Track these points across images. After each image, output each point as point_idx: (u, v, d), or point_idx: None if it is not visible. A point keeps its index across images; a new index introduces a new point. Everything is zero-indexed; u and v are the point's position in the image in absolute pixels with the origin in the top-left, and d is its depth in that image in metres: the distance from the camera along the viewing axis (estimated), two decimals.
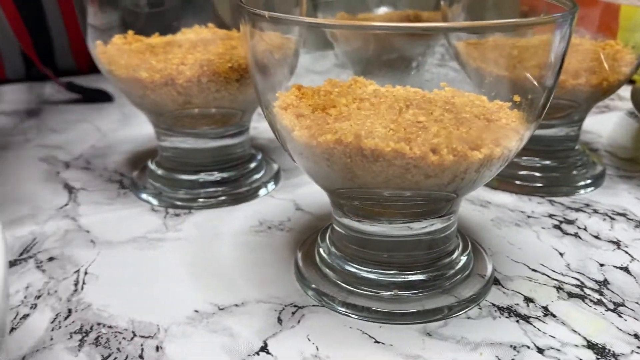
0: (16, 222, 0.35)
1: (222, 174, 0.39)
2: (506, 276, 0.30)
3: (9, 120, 0.53)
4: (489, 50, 0.41)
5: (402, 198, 0.26)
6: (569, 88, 0.36)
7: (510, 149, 0.26)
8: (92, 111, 0.55)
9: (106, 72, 0.36)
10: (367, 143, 0.23)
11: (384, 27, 0.22)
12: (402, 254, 0.28)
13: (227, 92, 0.35)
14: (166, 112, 0.36)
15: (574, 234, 0.34)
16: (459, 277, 0.29)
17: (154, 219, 0.36)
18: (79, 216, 0.36)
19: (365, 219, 0.28)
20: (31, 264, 0.31)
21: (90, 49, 0.37)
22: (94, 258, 0.32)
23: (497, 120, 0.26)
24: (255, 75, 0.27)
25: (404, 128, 0.24)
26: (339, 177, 0.26)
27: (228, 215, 0.36)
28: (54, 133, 0.50)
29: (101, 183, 0.40)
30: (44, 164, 0.44)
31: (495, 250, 0.32)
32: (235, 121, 0.38)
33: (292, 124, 0.25)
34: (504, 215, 0.36)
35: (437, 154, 0.24)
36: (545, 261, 0.31)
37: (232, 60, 0.34)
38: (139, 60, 0.35)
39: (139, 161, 0.44)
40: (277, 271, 0.30)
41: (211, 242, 0.33)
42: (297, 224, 0.35)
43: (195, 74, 0.34)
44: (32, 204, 0.37)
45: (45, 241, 0.33)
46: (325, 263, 0.29)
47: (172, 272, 0.30)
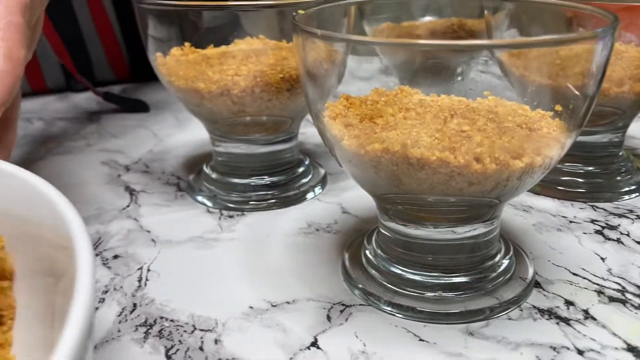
0: (83, 222, 0.38)
1: (272, 178, 0.41)
2: (547, 279, 0.31)
3: (71, 126, 0.56)
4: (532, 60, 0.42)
5: (446, 204, 0.27)
6: (613, 96, 0.37)
7: (551, 158, 0.27)
8: (148, 117, 0.58)
9: (166, 82, 0.39)
10: (413, 152, 0.25)
11: (428, 45, 0.24)
12: (445, 257, 0.30)
13: (278, 101, 0.37)
14: (221, 120, 0.39)
15: (616, 240, 0.34)
16: (501, 279, 0.30)
17: (209, 220, 0.38)
18: (140, 217, 0.38)
19: (410, 223, 0.29)
20: (98, 261, 0.34)
21: (151, 61, 0.40)
22: (155, 256, 0.34)
23: (539, 130, 0.27)
24: (306, 84, 0.29)
25: (449, 137, 0.26)
26: (385, 184, 0.27)
27: (278, 218, 0.38)
28: (113, 138, 0.53)
29: (160, 186, 0.43)
30: (105, 167, 0.46)
31: (537, 254, 0.33)
32: (285, 128, 0.40)
33: (341, 134, 0.27)
34: (546, 220, 0.36)
35: (480, 162, 0.25)
36: (587, 266, 0.32)
37: (283, 71, 0.36)
38: (196, 71, 0.37)
39: (194, 165, 0.46)
40: (326, 271, 0.32)
41: (263, 243, 0.35)
42: (344, 227, 0.37)
43: (249, 84, 0.36)
44: (97, 205, 0.40)
45: (110, 240, 0.36)
46: (371, 264, 0.31)
47: (228, 270, 0.32)
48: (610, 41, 0.26)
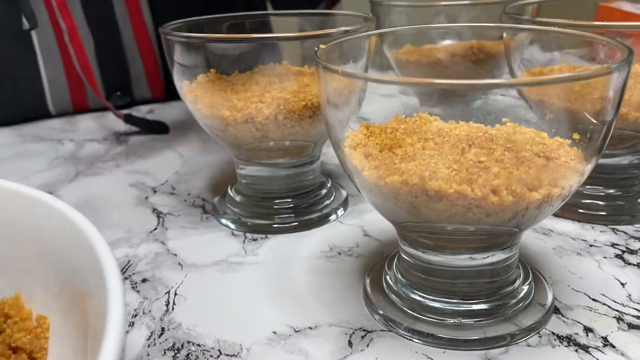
0: (113, 245, 0.39)
1: (295, 201, 0.42)
2: (566, 305, 0.31)
3: (100, 147, 0.58)
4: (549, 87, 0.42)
5: (465, 232, 0.28)
6: (632, 120, 0.37)
7: (570, 187, 0.27)
8: (174, 138, 0.59)
9: (192, 109, 0.40)
10: (431, 185, 0.25)
11: (446, 84, 0.24)
12: (465, 283, 0.30)
13: (300, 128, 0.38)
14: (244, 145, 0.40)
15: (636, 264, 0.34)
16: (520, 305, 0.30)
17: (234, 243, 0.39)
18: (167, 240, 0.40)
19: (429, 250, 0.30)
20: (127, 285, 0.35)
21: (178, 88, 0.41)
22: (182, 280, 0.35)
23: (557, 159, 0.28)
24: (327, 113, 0.30)
25: (466, 168, 0.26)
26: (404, 213, 0.28)
27: (301, 240, 0.39)
28: (141, 159, 0.54)
29: (186, 208, 0.44)
30: (134, 189, 0.48)
31: (556, 279, 0.33)
32: (308, 152, 0.41)
33: (362, 165, 0.28)
34: (566, 244, 0.37)
35: (497, 194, 0.25)
36: (606, 291, 0.32)
37: (305, 98, 0.37)
38: (221, 98, 0.38)
39: (219, 187, 0.47)
40: (347, 296, 0.33)
41: (286, 267, 0.36)
42: (366, 250, 0.37)
43: (273, 112, 0.37)
44: (126, 228, 0.41)
45: (138, 263, 0.37)
46: (392, 290, 0.32)
47: (252, 294, 0.33)
48: (625, 72, 0.27)
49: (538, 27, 0.35)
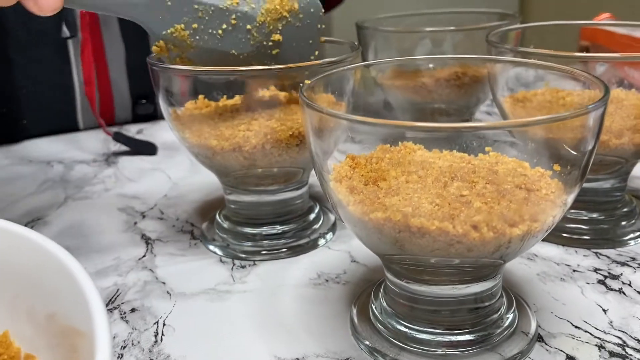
0: (102, 273, 0.39)
1: (284, 227, 0.42)
2: (549, 333, 0.32)
3: (90, 170, 0.58)
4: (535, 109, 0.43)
5: (449, 265, 0.29)
6: (613, 147, 0.38)
7: (553, 218, 0.28)
8: (163, 160, 0.60)
9: (180, 138, 0.40)
10: (413, 222, 0.26)
11: (429, 128, 0.25)
12: (449, 312, 0.31)
13: (288, 156, 0.38)
14: (232, 172, 0.40)
15: (618, 290, 0.35)
16: (504, 334, 0.31)
17: (222, 271, 0.39)
18: (155, 267, 0.40)
19: (414, 281, 0.30)
20: (116, 314, 0.35)
21: (165, 116, 0.41)
22: (171, 309, 0.35)
23: (537, 191, 0.28)
24: (311, 142, 0.30)
25: (449, 203, 0.27)
26: (388, 247, 0.28)
27: (289, 267, 0.39)
28: (130, 182, 0.54)
29: (174, 234, 0.44)
30: (123, 214, 0.48)
31: (540, 306, 0.34)
32: (297, 178, 0.41)
33: (347, 199, 0.28)
34: (550, 270, 0.37)
35: (478, 231, 0.26)
36: (589, 318, 0.33)
37: (292, 127, 0.38)
38: (209, 127, 0.38)
39: (207, 211, 0.48)
40: (334, 325, 0.33)
41: (274, 295, 0.36)
42: (353, 277, 0.38)
43: (260, 141, 0.37)
44: (115, 255, 0.42)
45: (127, 292, 0.37)
46: (378, 320, 0.32)
47: (240, 325, 0.34)
48: (602, 108, 0.27)
49: (519, 60, 0.36)
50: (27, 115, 0.68)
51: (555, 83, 0.39)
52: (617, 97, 0.41)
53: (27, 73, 0.66)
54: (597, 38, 0.58)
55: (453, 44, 0.48)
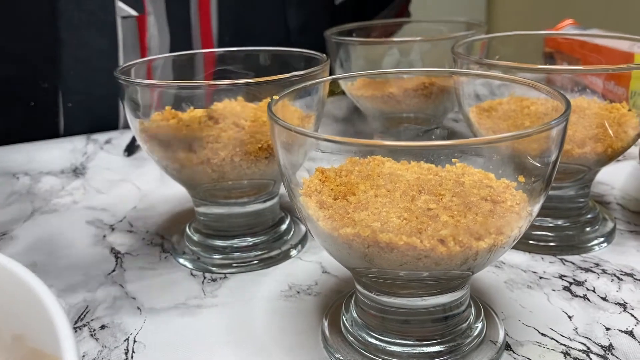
0: (70, 290, 0.39)
1: (254, 239, 0.42)
2: (517, 341, 0.32)
3: (57, 181, 0.57)
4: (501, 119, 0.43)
5: (418, 278, 0.29)
6: (576, 156, 0.39)
7: (519, 230, 0.29)
8: (133, 170, 0.59)
9: (147, 150, 0.40)
10: (382, 237, 0.26)
11: (395, 146, 0.25)
12: (418, 323, 0.31)
13: (257, 169, 0.38)
14: (201, 185, 0.40)
15: (582, 296, 0.36)
16: (473, 344, 0.31)
17: (193, 284, 0.39)
18: (125, 282, 0.39)
19: (383, 293, 0.31)
20: (86, 332, 0.35)
21: (132, 128, 0.41)
22: (141, 325, 0.35)
23: (503, 203, 0.29)
24: (279, 156, 0.30)
25: (416, 217, 0.27)
26: (358, 261, 0.29)
27: (260, 280, 0.39)
28: (98, 194, 0.54)
29: (144, 247, 0.44)
30: (91, 227, 0.47)
31: (508, 314, 0.34)
32: (268, 190, 0.41)
33: (317, 215, 0.29)
34: (517, 277, 0.38)
35: (445, 245, 0.26)
36: (555, 325, 0.33)
37: (261, 140, 0.38)
38: (176, 139, 0.38)
39: (178, 223, 0.47)
40: (306, 338, 0.33)
41: (245, 309, 0.36)
42: (324, 288, 0.38)
43: (229, 154, 0.37)
44: (84, 270, 0.41)
45: (97, 308, 0.37)
46: (349, 332, 0.32)
47: (211, 340, 0.34)
48: (564, 122, 0.28)
49: (483, 73, 0.36)
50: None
51: (521, 92, 0.40)
52: (579, 106, 0.42)
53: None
54: (561, 45, 0.60)
55: (420, 53, 0.48)
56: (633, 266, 0.39)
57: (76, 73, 0.69)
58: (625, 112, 0.40)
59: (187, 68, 0.47)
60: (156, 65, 0.45)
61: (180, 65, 0.46)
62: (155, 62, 0.44)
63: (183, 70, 0.47)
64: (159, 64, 0.45)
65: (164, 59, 0.45)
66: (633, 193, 0.49)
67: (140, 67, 0.43)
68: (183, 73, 0.47)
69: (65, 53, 0.68)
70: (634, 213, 0.46)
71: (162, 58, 0.45)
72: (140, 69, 0.43)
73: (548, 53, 0.60)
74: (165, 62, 0.45)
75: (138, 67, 0.42)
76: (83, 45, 0.68)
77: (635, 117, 0.40)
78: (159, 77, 0.45)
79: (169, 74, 0.46)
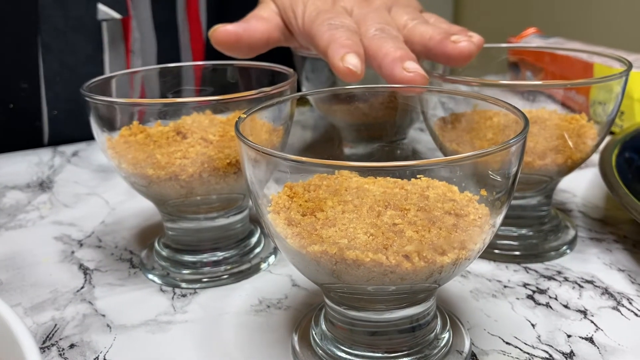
0: (38, 308, 0.38)
1: (224, 253, 0.42)
2: (482, 350, 0.33)
3: (23, 196, 0.56)
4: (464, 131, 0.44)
5: (386, 292, 0.30)
6: (537, 168, 0.40)
7: (483, 242, 0.29)
8: (100, 182, 0.59)
9: (115, 166, 0.40)
10: (349, 254, 0.27)
11: (359, 167, 0.26)
12: (386, 335, 0.32)
13: (225, 184, 0.39)
14: (169, 201, 0.40)
15: (545, 304, 0.37)
16: (440, 354, 0.32)
17: (162, 300, 0.39)
18: (94, 299, 0.39)
19: (352, 308, 0.31)
20: (54, 352, 0.34)
21: (99, 143, 0.41)
22: (111, 343, 0.35)
23: (466, 216, 0.29)
24: (246, 171, 0.30)
25: (382, 232, 0.28)
26: (325, 277, 0.29)
27: (230, 294, 0.39)
28: (66, 208, 0.53)
29: (113, 262, 0.44)
30: (59, 243, 0.47)
31: (473, 324, 0.35)
32: (237, 204, 0.42)
33: (285, 233, 0.29)
34: (482, 286, 0.39)
35: (409, 261, 0.27)
36: (519, 333, 0.34)
37: (230, 156, 0.38)
38: (144, 154, 0.38)
39: (147, 237, 0.47)
40: (276, 352, 0.34)
41: (215, 324, 0.36)
42: (294, 302, 0.38)
43: (197, 169, 0.37)
44: (52, 287, 0.41)
45: (65, 327, 0.36)
46: (318, 346, 0.33)
47: (182, 356, 0.34)
48: (523, 140, 0.29)
49: (446, 90, 0.37)
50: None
51: (484, 104, 0.41)
52: (540, 117, 0.43)
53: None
54: (524, 55, 0.61)
55: None
56: (594, 273, 0.40)
57: (62, 79, 0.68)
58: (584, 123, 0.42)
59: (155, 82, 0.47)
60: (124, 80, 0.44)
61: (148, 80, 0.46)
62: (121, 77, 0.44)
63: (151, 84, 0.47)
64: (126, 79, 0.45)
65: (132, 73, 0.45)
66: (594, 200, 0.51)
67: (108, 82, 0.43)
68: (152, 88, 0.47)
69: (49, 59, 0.67)
70: (595, 220, 0.47)
71: (130, 73, 0.45)
72: (108, 84, 0.43)
73: (512, 63, 0.61)
74: (134, 77, 0.45)
75: (105, 82, 0.42)
76: (68, 50, 0.67)
77: (593, 128, 0.42)
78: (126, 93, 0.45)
79: (138, 88, 0.46)
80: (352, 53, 0.39)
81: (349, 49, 0.39)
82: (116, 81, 0.44)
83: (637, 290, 0.38)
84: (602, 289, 0.38)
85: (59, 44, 0.66)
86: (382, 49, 0.40)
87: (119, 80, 0.44)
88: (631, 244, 0.43)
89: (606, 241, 0.44)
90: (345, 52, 0.39)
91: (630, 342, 0.33)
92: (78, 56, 0.67)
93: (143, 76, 0.46)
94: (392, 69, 0.39)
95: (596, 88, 0.44)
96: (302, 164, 0.26)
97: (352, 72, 0.38)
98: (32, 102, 0.68)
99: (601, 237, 0.45)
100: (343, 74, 0.39)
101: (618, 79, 0.40)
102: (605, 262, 0.41)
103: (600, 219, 0.48)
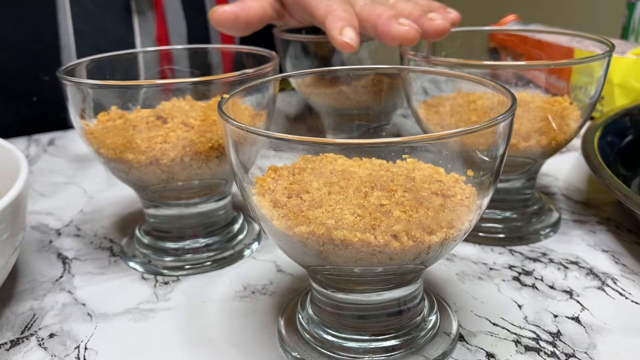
0: (16, 297, 0.37)
1: (207, 240, 0.41)
2: (470, 332, 0.33)
3: None
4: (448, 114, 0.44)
5: (373, 273, 0.29)
6: (522, 149, 0.40)
7: (470, 222, 0.29)
8: (78, 172, 0.57)
9: (94, 153, 0.39)
10: (336, 234, 0.26)
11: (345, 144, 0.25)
12: (374, 317, 0.31)
13: (208, 168, 0.38)
14: (150, 187, 0.39)
15: (531, 285, 0.37)
16: (428, 336, 0.32)
17: (144, 288, 0.38)
18: (74, 288, 0.38)
19: (339, 290, 0.31)
20: (33, 341, 0.33)
21: (77, 129, 0.40)
22: (92, 332, 0.34)
23: (453, 197, 0.29)
24: (231, 154, 0.29)
25: (370, 213, 0.27)
26: (313, 259, 0.29)
27: (214, 281, 0.39)
28: (43, 197, 0.52)
29: (92, 251, 0.43)
30: (36, 232, 0.46)
31: (460, 306, 0.35)
32: (219, 190, 0.41)
33: (270, 214, 0.28)
34: (468, 269, 0.39)
35: (398, 240, 0.27)
36: (505, 314, 0.34)
37: (212, 140, 0.37)
38: (124, 139, 0.37)
39: (127, 225, 0.46)
40: (262, 338, 0.33)
41: (199, 311, 0.36)
42: (279, 287, 0.38)
43: (178, 154, 0.37)
44: (30, 277, 0.40)
45: (44, 317, 0.36)
46: (305, 329, 0.32)
47: (165, 344, 0.33)
48: (511, 117, 0.29)
49: (431, 69, 0.37)
50: None
51: (467, 87, 0.41)
52: (523, 100, 0.43)
53: None
54: (505, 41, 0.61)
55: (369, 51, 0.48)
56: (578, 254, 0.40)
57: None
58: (567, 105, 0.42)
59: (134, 67, 0.46)
60: (102, 64, 0.43)
61: (127, 64, 0.45)
62: (100, 61, 0.43)
63: (131, 69, 0.46)
64: (104, 63, 0.44)
65: (111, 58, 0.44)
66: (576, 184, 0.51)
67: (84, 66, 0.42)
68: (130, 72, 0.46)
69: (82, 42, 0.66)
70: (578, 203, 0.48)
71: (108, 57, 0.44)
72: (85, 68, 0.42)
73: (493, 48, 0.61)
74: (112, 61, 0.44)
75: (81, 66, 0.41)
76: (100, 33, 0.66)
77: (576, 110, 0.42)
78: (105, 76, 0.44)
79: (116, 73, 0.45)
80: (349, 26, 0.42)
81: (345, 21, 0.43)
82: (94, 65, 0.42)
83: (621, 270, 0.38)
84: (586, 270, 0.38)
85: (89, 28, 0.65)
86: (375, 12, 0.43)
87: (98, 65, 0.43)
88: (614, 225, 0.44)
89: (589, 223, 0.44)
90: (342, 25, 0.42)
91: (615, 321, 0.33)
92: (107, 38, 0.67)
93: (121, 59, 0.44)
94: (388, 25, 0.42)
95: (577, 73, 0.44)
96: (288, 142, 0.26)
97: (349, 45, 0.42)
98: (56, 94, 0.67)
99: (584, 219, 0.45)
100: (341, 46, 0.43)
101: (601, 60, 0.40)
102: (589, 243, 0.41)
103: (583, 202, 0.48)
